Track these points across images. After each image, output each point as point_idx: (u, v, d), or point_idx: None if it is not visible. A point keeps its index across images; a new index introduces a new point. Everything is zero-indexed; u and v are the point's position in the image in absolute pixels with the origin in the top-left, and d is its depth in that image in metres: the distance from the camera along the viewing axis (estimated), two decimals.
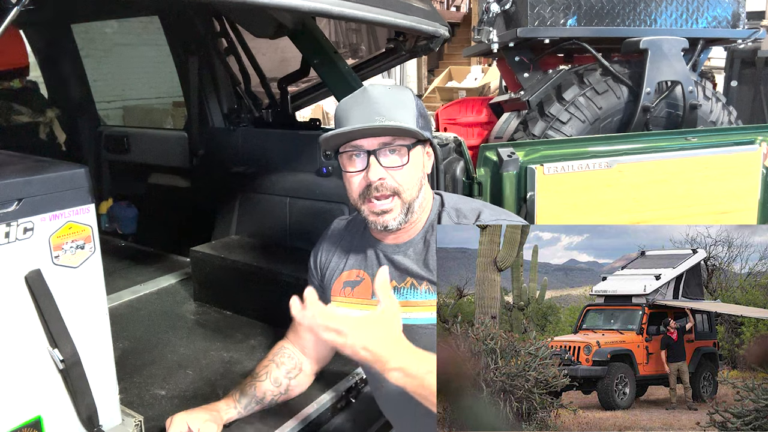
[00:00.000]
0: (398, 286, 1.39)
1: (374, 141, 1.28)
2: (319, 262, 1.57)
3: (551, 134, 3.18)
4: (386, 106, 1.28)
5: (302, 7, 1.50)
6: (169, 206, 3.12)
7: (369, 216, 1.33)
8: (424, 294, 1.37)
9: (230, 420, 1.47)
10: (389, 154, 1.29)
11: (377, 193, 1.29)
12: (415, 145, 1.32)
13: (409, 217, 1.34)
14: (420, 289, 1.37)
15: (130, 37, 6.50)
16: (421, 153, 1.36)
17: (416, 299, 1.37)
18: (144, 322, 2.19)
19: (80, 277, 1.21)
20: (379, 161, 1.28)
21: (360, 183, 1.31)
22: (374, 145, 1.28)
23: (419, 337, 1.30)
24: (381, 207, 1.30)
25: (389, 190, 1.29)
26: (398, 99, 1.31)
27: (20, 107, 3.21)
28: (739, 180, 2.58)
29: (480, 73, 9.75)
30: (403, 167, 1.30)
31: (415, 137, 1.30)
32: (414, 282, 1.38)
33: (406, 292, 1.38)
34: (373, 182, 1.28)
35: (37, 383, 1.17)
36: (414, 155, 1.32)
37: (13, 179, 1.10)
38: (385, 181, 1.29)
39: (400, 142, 1.29)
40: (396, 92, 1.33)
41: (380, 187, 1.29)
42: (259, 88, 2.88)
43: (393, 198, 1.30)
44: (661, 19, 3.45)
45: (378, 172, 1.28)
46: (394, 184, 1.29)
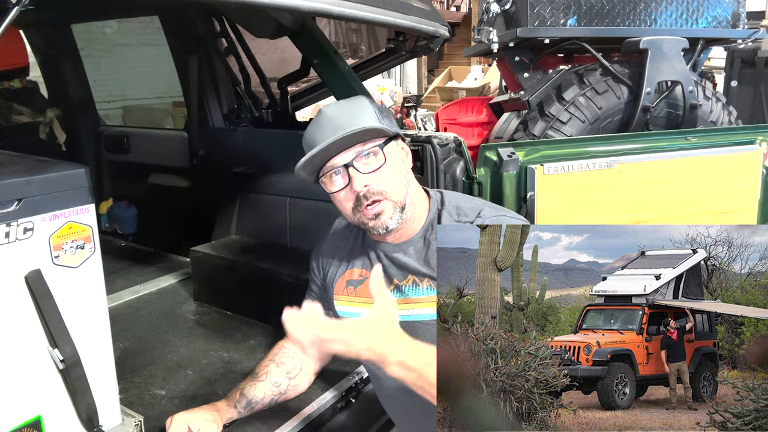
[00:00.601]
0: (400, 283, 1.40)
1: (346, 153, 1.30)
2: (321, 262, 1.57)
3: (551, 134, 3.17)
4: (344, 118, 1.30)
5: (302, 7, 1.50)
6: (169, 206, 3.12)
7: (368, 224, 1.34)
8: (426, 291, 1.37)
9: (230, 420, 1.47)
10: (365, 160, 1.31)
11: (367, 201, 1.31)
12: (386, 143, 1.33)
13: (404, 215, 1.35)
14: (421, 286, 1.38)
15: (130, 37, 6.50)
16: (395, 149, 1.37)
17: (418, 296, 1.38)
18: (144, 322, 2.19)
19: (80, 277, 1.21)
20: (358, 170, 1.30)
21: (348, 197, 1.33)
22: (348, 158, 1.30)
23: (421, 333, 1.31)
24: (374, 211, 1.32)
25: (377, 194, 1.31)
26: (354, 108, 1.34)
27: (20, 107, 3.21)
28: (739, 180, 2.57)
29: (480, 73, 9.75)
30: (382, 168, 1.31)
31: (381, 134, 1.32)
32: (416, 279, 1.39)
33: (408, 290, 1.39)
34: (360, 192, 1.30)
35: (37, 383, 1.17)
36: (389, 153, 1.33)
37: (13, 179, 1.10)
38: (371, 187, 1.30)
39: (370, 144, 1.31)
40: (350, 103, 1.37)
41: (368, 194, 1.30)
42: (259, 88, 2.88)
43: (382, 201, 1.32)
44: (661, 19, 3.45)
45: (361, 181, 1.30)
46: (379, 187, 1.31)
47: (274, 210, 2.52)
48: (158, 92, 6.85)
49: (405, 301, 1.38)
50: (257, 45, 2.83)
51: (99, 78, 5.29)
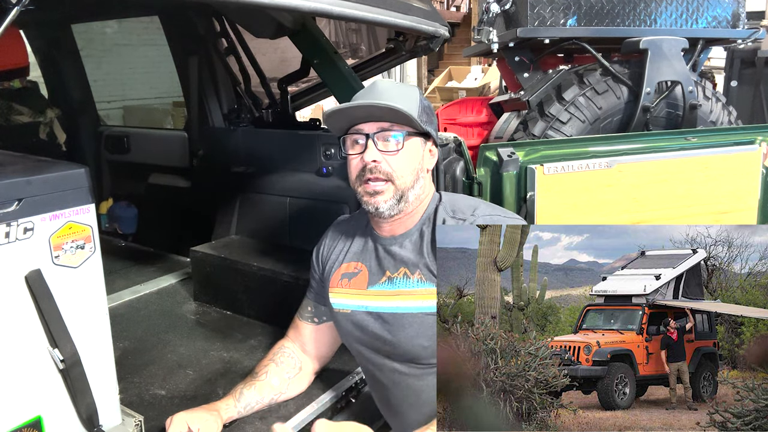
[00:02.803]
0: (391, 275, 1.43)
1: (373, 125, 1.35)
2: (321, 257, 1.60)
3: (551, 134, 3.17)
4: (390, 95, 1.35)
5: (302, 7, 1.50)
6: (169, 206, 3.11)
7: (363, 197, 1.38)
8: (416, 283, 1.40)
9: (230, 420, 1.47)
10: (386, 140, 1.35)
11: (371, 175, 1.35)
12: (412, 135, 1.37)
13: (402, 206, 1.38)
14: (412, 278, 1.41)
15: (130, 37, 6.50)
16: (419, 145, 1.40)
17: (408, 288, 1.41)
18: (144, 322, 2.19)
19: (80, 277, 1.20)
20: (375, 144, 1.34)
21: (357, 165, 1.37)
22: (373, 129, 1.35)
23: (408, 325, 1.37)
24: (374, 187, 1.36)
25: (383, 174, 1.35)
26: (403, 91, 1.39)
27: (20, 107, 3.21)
28: (739, 180, 2.57)
29: (480, 73, 9.73)
30: (398, 153, 1.35)
31: (410, 125, 1.35)
32: (407, 272, 1.42)
33: (398, 282, 1.42)
34: (368, 164, 1.34)
35: (37, 383, 1.17)
36: (410, 145, 1.37)
37: (13, 179, 1.10)
38: (379, 165, 1.34)
39: (398, 128, 1.35)
40: (403, 86, 1.42)
41: (374, 169, 1.35)
42: (259, 88, 2.88)
43: (386, 182, 1.36)
44: (661, 19, 3.45)
45: (373, 154, 1.34)
46: (387, 168, 1.35)
47: (274, 210, 2.51)
48: (158, 92, 6.85)
49: (395, 293, 1.41)
50: (257, 45, 2.83)
51: (99, 78, 5.28)
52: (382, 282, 1.44)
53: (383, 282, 1.44)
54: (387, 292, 1.42)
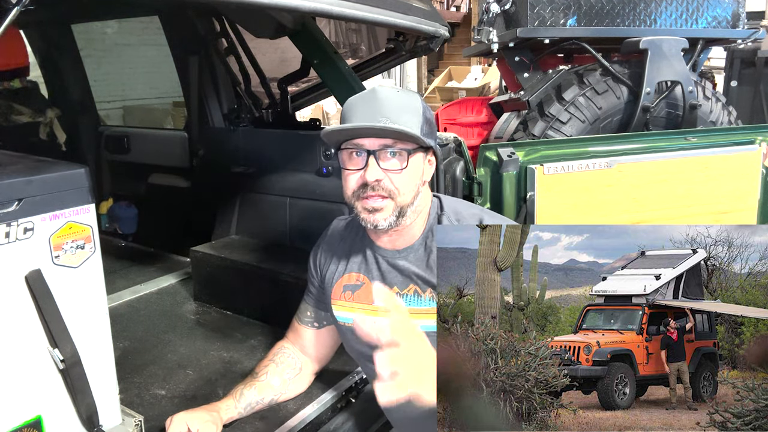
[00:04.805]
0: (401, 292, 1.38)
1: (375, 141, 1.28)
2: (319, 263, 1.56)
3: (551, 134, 3.18)
4: (392, 108, 1.27)
5: (302, 7, 1.50)
6: (169, 206, 3.11)
7: (361, 213, 1.32)
8: (428, 302, 1.35)
9: (230, 420, 1.47)
10: (389, 157, 1.29)
11: (372, 193, 1.29)
12: (416, 151, 1.31)
13: (400, 221, 1.33)
14: (424, 297, 1.36)
15: (130, 37, 6.49)
16: (421, 160, 1.34)
17: (420, 307, 1.36)
18: (144, 322, 2.19)
19: (80, 277, 1.20)
20: (378, 162, 1.27)
21: (357, 181, 1.30)
22: (375, 146, 1.28)
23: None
24: (373, 204, 1.30)
25: (385, 192, 1.29)
26: (405, 103, 1.30)
27: (20, 107, 3.21)
28: (739, 180, 2.58)
29: (480, 73, 9.73)
30: (402, 171, 1.29)
31: (416, 143, 1.29)
32: (418, 289, 1.37)
33: (409, 300, 1.37)
34: (370, 182, 1.28)
35: (37, 383, 1.17)
36: (413, 161, 1.31)
37: (13, 179, 1.10)
38: (382, 182, 1.28)
39: (401, 145, 1.28)
40: (404, 96, 1.32)
41: (376, 187, 1.28)
42: (259, 88, 2.88)
43: (386, 199, 1.30)
44: (661, 19, 3.45)
45: (375, 173, 1.27)
46: (390, 186, 1.29)
47: (274, 210, 2.51)
48: (158, 92, 6.85)
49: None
50: (257, 45, 2.83)
51: (99, 78, 5.28)
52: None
53: None
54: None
